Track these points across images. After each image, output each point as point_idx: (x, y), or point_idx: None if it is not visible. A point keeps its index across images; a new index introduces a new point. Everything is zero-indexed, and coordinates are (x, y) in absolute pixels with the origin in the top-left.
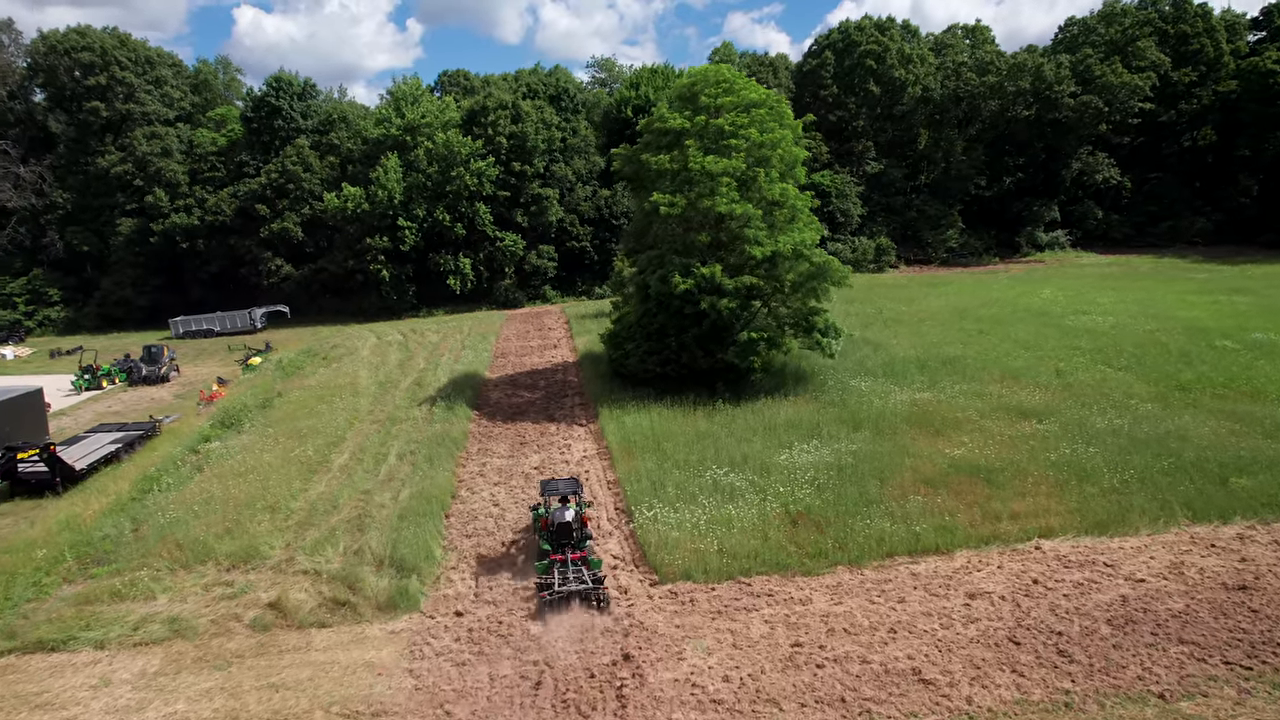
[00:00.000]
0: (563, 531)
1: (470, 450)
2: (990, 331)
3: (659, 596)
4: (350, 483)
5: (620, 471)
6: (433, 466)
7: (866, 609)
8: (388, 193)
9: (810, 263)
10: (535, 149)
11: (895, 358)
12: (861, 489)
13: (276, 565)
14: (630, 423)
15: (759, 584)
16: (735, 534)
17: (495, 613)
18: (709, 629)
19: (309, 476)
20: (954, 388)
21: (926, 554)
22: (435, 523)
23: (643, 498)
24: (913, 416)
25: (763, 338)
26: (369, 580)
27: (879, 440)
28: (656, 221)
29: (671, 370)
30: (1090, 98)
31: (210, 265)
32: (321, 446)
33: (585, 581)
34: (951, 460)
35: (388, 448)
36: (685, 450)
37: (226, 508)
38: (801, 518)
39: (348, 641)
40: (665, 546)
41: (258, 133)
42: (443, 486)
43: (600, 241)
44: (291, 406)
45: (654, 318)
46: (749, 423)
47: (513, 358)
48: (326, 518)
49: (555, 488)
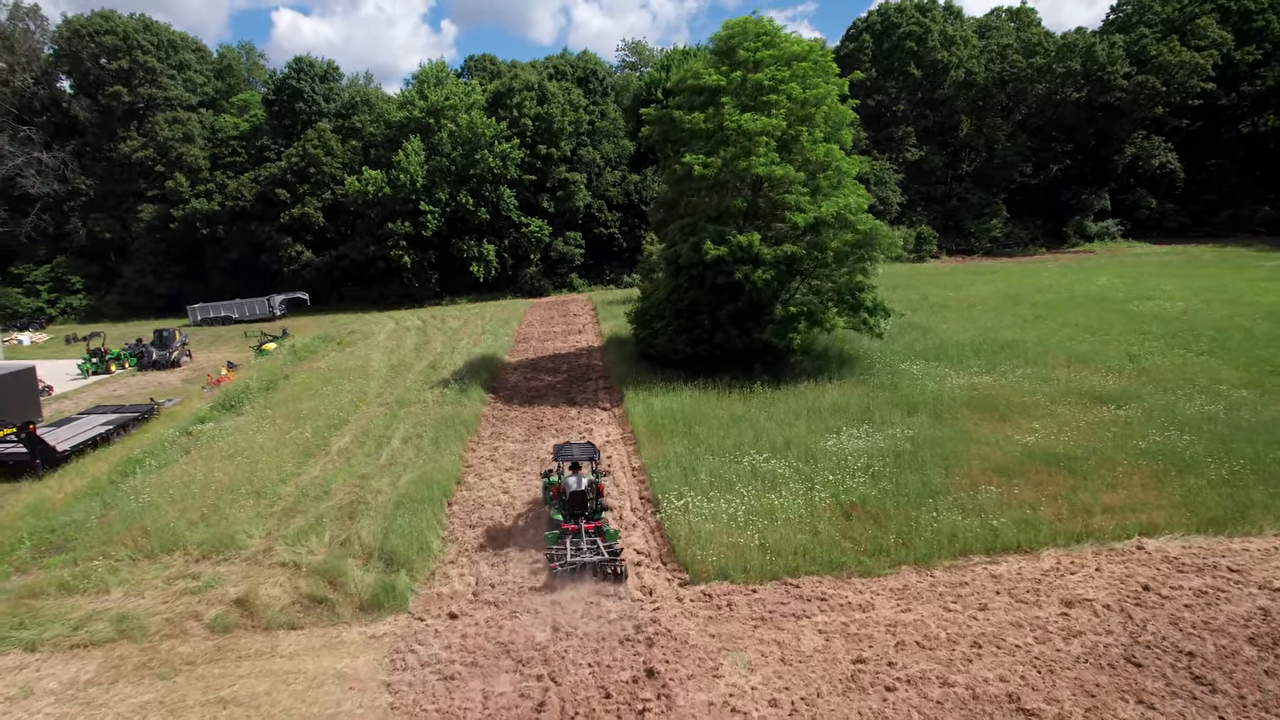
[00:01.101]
0: (576, 501)
1: (482, 434)
2: (1047, 316)
3: (690, 599)
4: (347, 467)
5: (646, 457)
6: (438, 450)
7: (941, 618)
8: (410, 176)
9: (856, 230)
10: (562, 131)
11: (947, 341)
12: (924, 478)
13: (252, 556)
14: (658, 405)
15: (809, 585)
16: (779, 527)
17: (496, 615)
18: (751, 639)
19: (303, 460)
20: (1015, 372)
21: (1007, 552)
22: (435, 511)
23: (671, 485)
24: (973, 401)
25: (804, 312)
26: (353, 575)
27: (938, 425)
28: (688, 189)
29: (704, 351)
30: (1146, 78)
31: (230, 252)
32: (320, 429)
33: (600, 553)
34: (1024, 447)
35: (392, 430)
36: (720, 434)
37: (207, 492)
38: (856, 509)
39: (319, 647)
40: (698, 540)
41: (279, 116)
42: (447, 471)
43: (629, 228)
44: (296, 389)
45: (685, 293)
46: (790, 406)
47: (534, 342)
48: (315, 504)
49: (569, 453)
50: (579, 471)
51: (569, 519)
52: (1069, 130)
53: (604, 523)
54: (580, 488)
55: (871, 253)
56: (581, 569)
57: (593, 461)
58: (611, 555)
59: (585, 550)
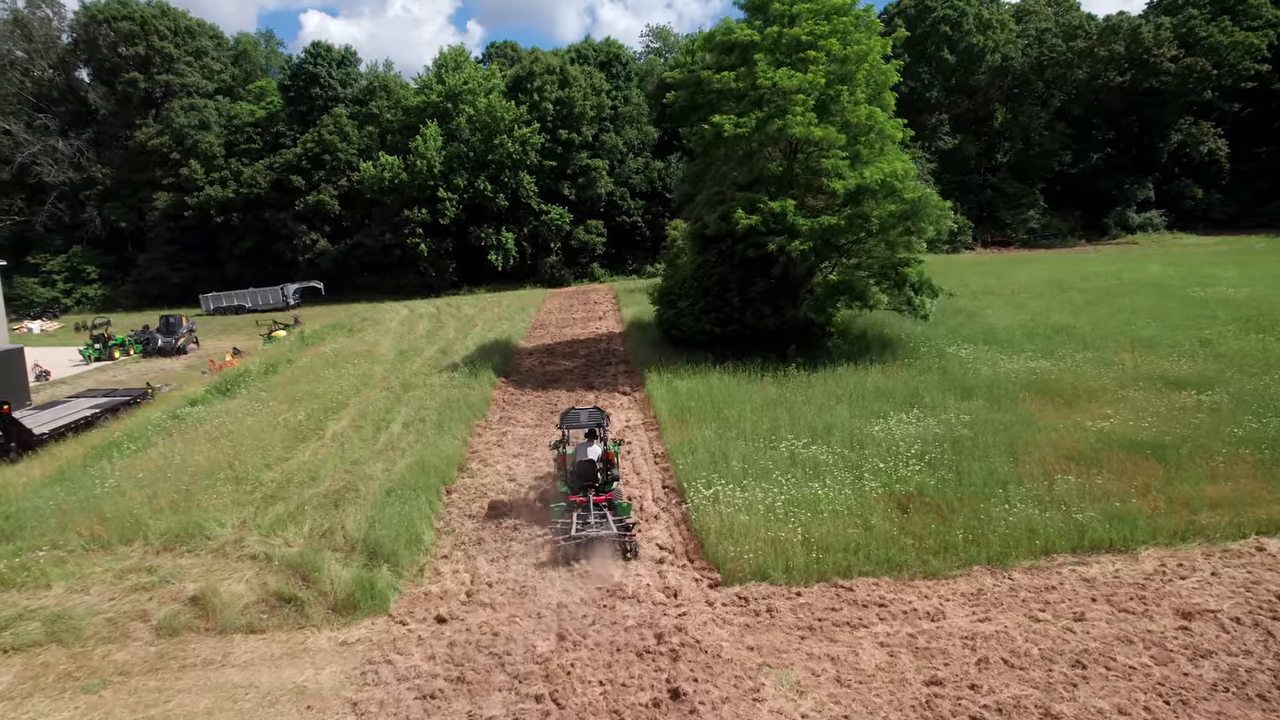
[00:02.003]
0: (585, 471)
1: (490, 418)
2: (1100, 303)
3: (722, 603)
4: (341, 451)
5: (670, 442)
6: (441, 434)
7: (1029, 629)
8: (427, 162)
9: (903, 199)
10: (583, 116)
11: (995, 325)
12: (988, 466)
13: (221, 548)
14: (684, 388)
15: (864, 588)
16: (825, 520)
17: (492, 620)
18: (797, 654)
19: (294, 444)
20: (1074, 356)
21: (1097, 551)
22: (431, 499)
23: (699, 472)
24: (1033, 385)
25: (844, 285)
26: (329, 570)
27: (997, 410)
28: (716, 157)
29: (733, 331)
30: (1195, 60)
31: (245, 240)
32: (316, 412)
33: (609, 527)
34: (1099, 434)
35: (393, 414)
36: (753, 418)
37: (183, 476)
38: (913, 500)
39: (279, 655)
40: (730, 534)
41: (295, 102)
42: (448, 456)
43: (653, 216)
44: (297, 372)
45: (712, 269)
46: (830, 389)
47: (552, 328)
48: (299, 491)
49: (577, 419)
50: (591, 440)
51: (576, 490)
52: (1110, 117)
53: (616, 495)
54: (590, 456)
55: (919, 223)
56: (588, 544)
57: (602, 428)
58: (622, 530)
59: (594, 524)
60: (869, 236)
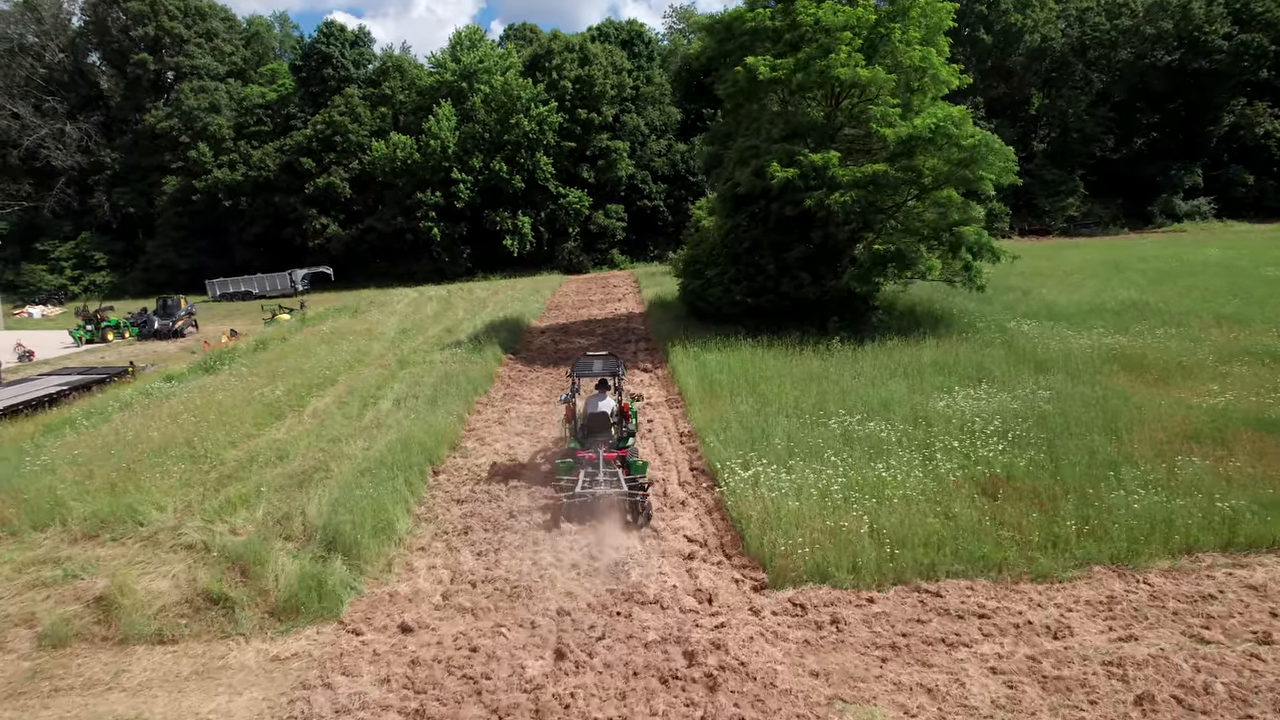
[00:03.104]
0: (597, 424)
1: (493, 395)
2: (1164, 282)
3: (772, 611)
4: (319, 429)
5: (697, 419)
6: (434, 410)
7: (1196, 655)
8: (440, 142)
9: (959, 147)
10: (603, 95)
11: (1055, 302)
12: (1088, 445)
13: (153, 535)
14: (713, 362)
15: (955, 593)
16: (897, 508)
17: (472, 630)
18: (880, 684)
19: (267, 421)
20: (1154, 333)
21: (1257, 549)
22: (412, 480)
23: (734, 451)
24: (1117, 360)
25: (892, 253)
26: (276, 563)
27: (1081, 386)
28: (748, 112)
29: (767, 302)
30: (1251, 36)
31: (254, 225)
32: (299, 388)
33: (620, 486)
34: (1213, 411)
35: (385, 390)
36: (795, 393)
37: (130, 454)
38: (1000, 485)
39: (187, 674)
40: (777, 524)
41: (306, 83)
42: (439, 432)
43: (675, 201)
44: (288, 349)
45: (744, 233)
46: (881, 364)
47: (568, 309)
48: (262, 471)
49: (590, 367)
50: (603, 391)
51: (586, 445)
52: (1155, 100)
53: (631, 452)
54: (601, 409)
55: (978, 172)
56: (595, 506)
57: (617, 377)
58: (635, 489)
59: (603, 482)
60: (921, 194)
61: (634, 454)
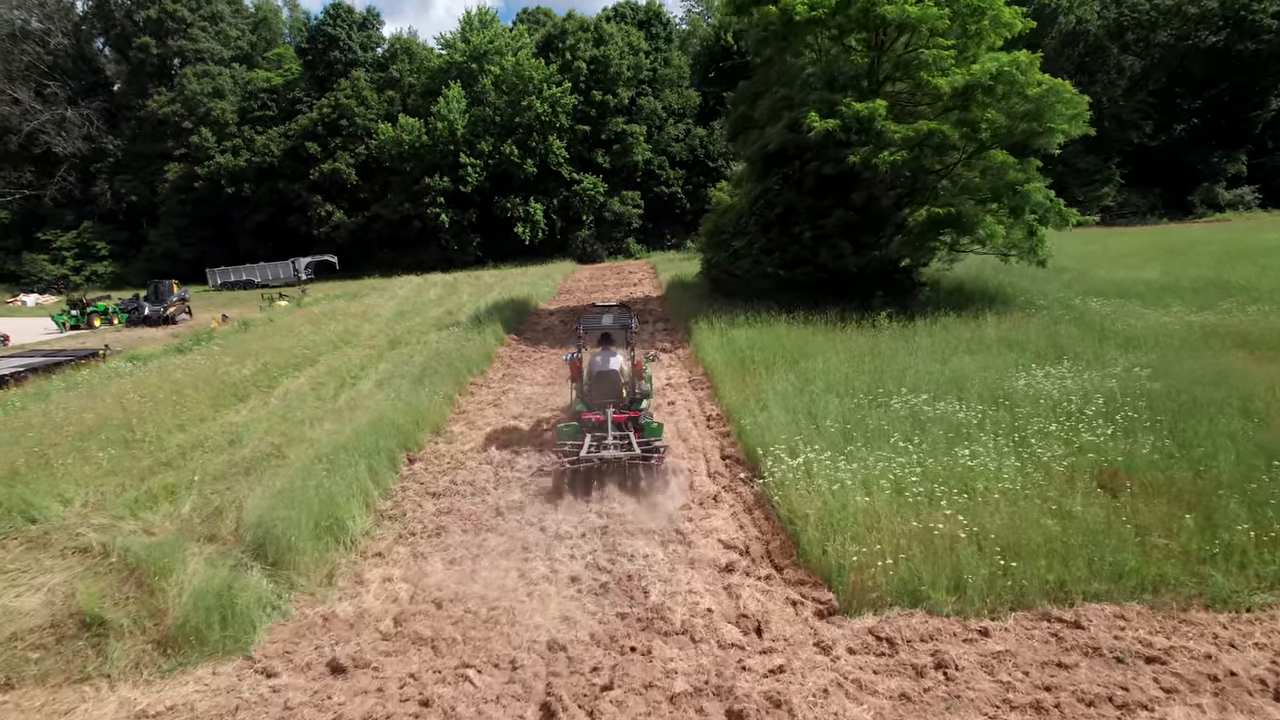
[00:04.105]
0: (605, 383)
1: (490, 376)
2: (1233, 263)
3: (849, 648)
4: (285, 411)
5: (729, 401)
6: (418, 390)
7: None
8: (448, 125)
9: (1024, 97)
10: (619, 76)
11: (1120, 280)
12: (1224, 430)
13: (44, 535)
14: (743, 338)
15: (1099, 622)
16: (998, 506)
17: (428, 671)
18: None
19: (228, 402)
20: (1247, 310)
21: None
22: (379, 468)
23: (776, 436)
24: (1216, 336)
25: (949, 217)
26: (186, 572)
27: (1186, 363)
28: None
29: (802, 275)
30: None
31: (258, 213)
32: (271, 367)
33: (632, 449)
34: None
35: (369, 371)
36: (845, 369)
37: (55, 437)
38: (1120, 477)
39: None
40: (843, 524)
41: (312, 66)
42: (421, 414)
43: (693, 188)
44: (272, 330)
45: (776, 196)
46: (939, 341)
47: (580, 293)
48: (208, 457)
49: (598, 321)
50: (611, 347)
51: (594, 407)
52: (1197, 84)
53: (644, 415)
54: (611, 366)
55: (1046, 123)
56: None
57: (629, 330)
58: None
59: (612, 446)
60: (979, 150)
61: (647, 416)
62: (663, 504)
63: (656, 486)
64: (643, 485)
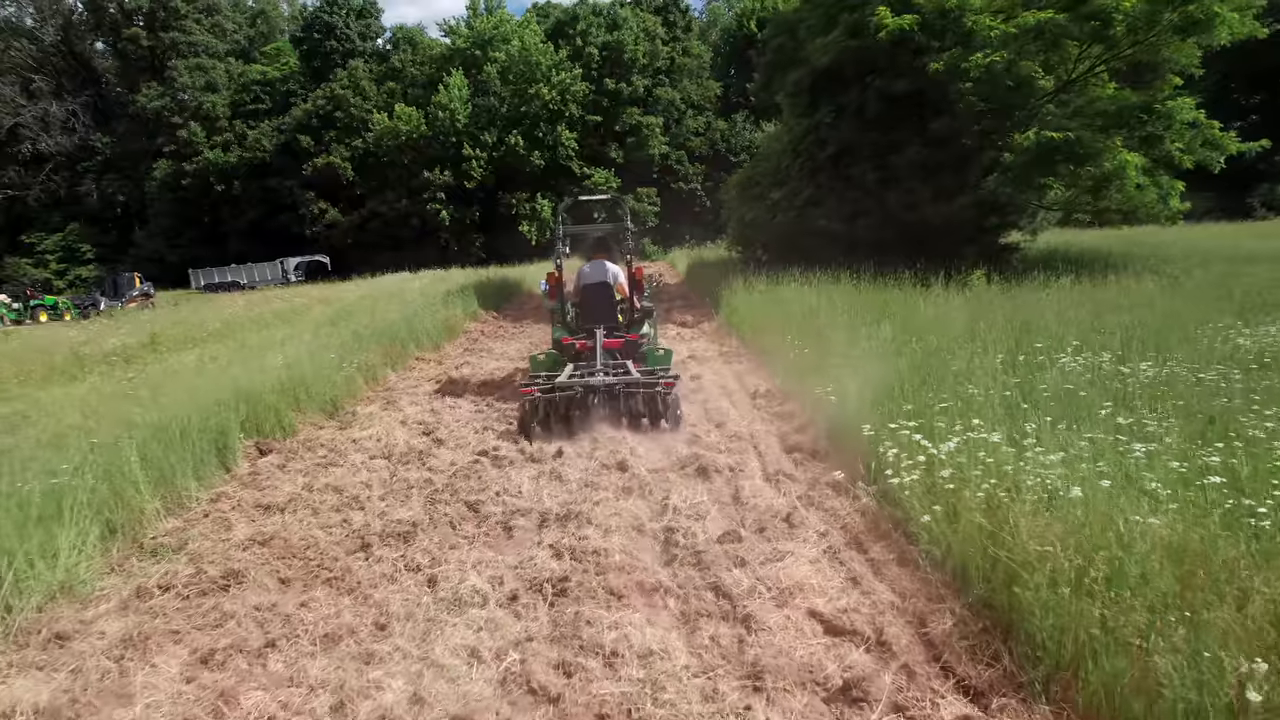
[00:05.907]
0: (596, 300)
1: (449, 351)
2: None
3: None
4: (133, 389)
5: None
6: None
7: None
8: (450, 114)
9: None
10: (634, 64)
11: (1207, 249)
12: None
13: None
14: (792, 297)
15: None
16: None
17: None
18: None
19: (61, 380)
20: None
21: None
22: (205, 461)
23: (887, 406)
24: None
25: (1065, 142)
26: None
27: None
28: None
29: (864, 229)
30: None
31: (248, 212)
32: (159, 338)
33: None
34: None
35: (289, 345)
36: (963, 316)
37: None
38: None
39: None
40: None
41: (308, 57)
42: (309, 386)
43: (714, 184)
44: (195, 306)
45: (829, 131)
46: (1076, 299)
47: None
48: None
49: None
50: (602, 254)
51: (578, 332)
52: (1256, 78)
53: (648, 340)
54: (603, 277)
55: (1207, 8)
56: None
57: (629, 232)
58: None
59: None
60: (1110, 50)
61: (652, 341)
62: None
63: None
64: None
